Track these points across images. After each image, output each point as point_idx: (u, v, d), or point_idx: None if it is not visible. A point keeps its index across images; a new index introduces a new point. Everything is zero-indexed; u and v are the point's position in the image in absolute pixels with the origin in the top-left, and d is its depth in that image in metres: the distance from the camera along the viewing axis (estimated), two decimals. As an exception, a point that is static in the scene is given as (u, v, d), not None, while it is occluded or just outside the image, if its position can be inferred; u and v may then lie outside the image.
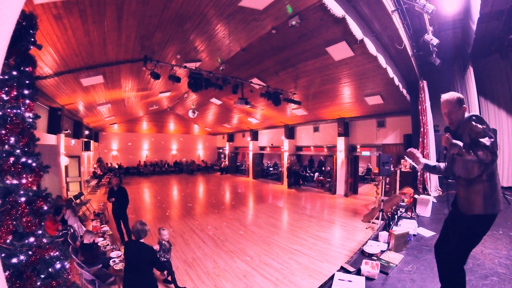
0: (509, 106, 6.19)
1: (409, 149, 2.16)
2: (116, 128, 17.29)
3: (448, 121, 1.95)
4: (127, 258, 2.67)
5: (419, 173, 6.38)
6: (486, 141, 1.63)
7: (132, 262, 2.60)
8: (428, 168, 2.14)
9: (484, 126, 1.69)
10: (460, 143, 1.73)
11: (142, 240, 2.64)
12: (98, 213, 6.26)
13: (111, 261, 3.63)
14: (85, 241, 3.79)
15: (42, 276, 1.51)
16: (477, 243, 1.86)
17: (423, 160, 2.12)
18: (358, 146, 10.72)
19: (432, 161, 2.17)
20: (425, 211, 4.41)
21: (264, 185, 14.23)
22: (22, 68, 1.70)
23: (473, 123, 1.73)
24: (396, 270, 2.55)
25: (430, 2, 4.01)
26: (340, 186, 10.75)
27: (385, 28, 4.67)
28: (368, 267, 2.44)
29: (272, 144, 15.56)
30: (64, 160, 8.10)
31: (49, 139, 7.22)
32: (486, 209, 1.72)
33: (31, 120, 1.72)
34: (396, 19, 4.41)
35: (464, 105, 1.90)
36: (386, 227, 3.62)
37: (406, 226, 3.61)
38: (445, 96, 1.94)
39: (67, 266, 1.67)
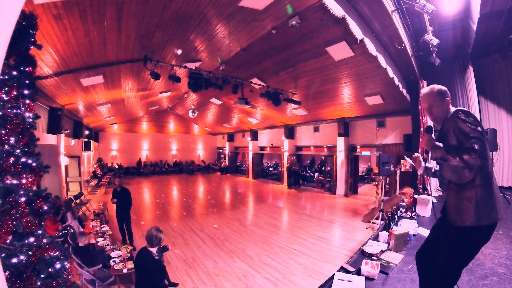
0: (509, 106, 6.19)
1: (415, 155, 1.94)
2: (116, 128, 17.29)
3: (431, 117, 1.75)
4: (135, 265, 2.58)
5: (419, 173, 6.38)
6: (473, 142, 1.42)
7: (139, 269, 2.51)
8: (429, 171, 1.91)
9: (472, 125, 1.47)
10: (440, 147, 1.56)
11: (152, 249, 2.53)
12: (98, 213, 6.26)
13: (111, 261, 3.63)
14: (80, 244, 3.78)
15: (42, 276, 1.51)
16: (471, 258, 1.59)
17: (424, 164, 1.91)
18: (358, 146, 10.72)
19: (434, 165, 1.92)
20: (425, 211, 4.41)
21: (264, 185, 14.23)
22: (22, 68, 1.70)
23: (460, 119, 1.50)
24: (396, 270, 2.55)
25: (430, 2, 4.01)
26: (340, 186, 10.75)
27: (385, 28, 4.67)
28: (368, 267, 2.44)
29: (272, 144, 15.56)
30: (64, 160, 8.10)
31: (49, 139, 7.21)
32: (480, 219, 1.46)
33: (31, 120, 1.72)
34: (396, 19, 4.41)
35: (447, 98, 1.69)
36: (386, 227, 3.62)
37: (406, 226, 3.61)
38: (424, 90, 1.77)
39: (67, 266, 1.67)
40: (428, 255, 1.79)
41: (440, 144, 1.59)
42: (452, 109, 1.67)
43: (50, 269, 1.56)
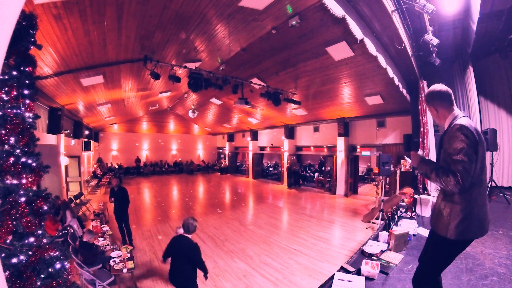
0: (509, 106, 6.19)
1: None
2: (116, 128, 17.28)
3: (440, 125, 1.74)
4: (172, 250, 2.83)
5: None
6: (457, 169, 1.37)
7: (175, 254, 2.78)
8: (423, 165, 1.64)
9: (465, 145, 1.39)
10: (428, 163, 1.56)
11: (188, 235, 2.79)
12: (98, 213, 6.26)
13: (111, 261, 3.64)
14: (85, 239, 3.79)
15: (42, 276, 1.51)
16: (441, 265, 1.65)
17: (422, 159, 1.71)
18: (358, 146, 10.72)
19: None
20: (425, 211, 4.41)
21: (264, 185, 14.23)
22: (22, 68, 1.70)
23: (456, 137, 1.41)
24: (396, 270, 2.55)
25: (430, 2, 4.01)
26: (340, 186, 10.75)
27: (385, 28, 4.67)
28: (368, 267, 2.44)
29: (272, 144, 15.56)
30: (64, 160, 8.10)
31: (49, 139, 7.21)
32: (448, 233, 1.49)
33: (31, 120, 1.72)
34: (396, 19, 4.41)
35: (436, 104, 1.62)
36: (386, 227, 3.62)
37: (406, 226, 3.61)
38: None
39: (67, 266, 1.67)
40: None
41: (428, 161, 1.61)
42: (456, 112, 1.59)
43: (50, 269, 1.55)
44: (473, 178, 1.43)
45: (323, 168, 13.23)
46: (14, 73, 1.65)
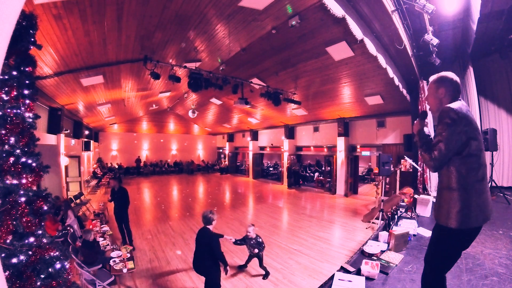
0: (509, 106, 6.19)
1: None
2: (116, 128, 17.29)
3: (430, 108, 1.73)
4: (196, 240, 3.06)
5: (419, 173, 6.38)
6: (436, 146, 1.47)
7: (197, 243, 3.03)
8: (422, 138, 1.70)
9: (447, 127, 1.46)
10: (426, 133, 1.65)
11: (209, 226, 3.03)
12: (98, 213, 6.26)
13: (111, 261, 3.64)
14: (86, 238, 3.81)
15: (42, 276, 1.51)
16: (449, 259, 1.61)
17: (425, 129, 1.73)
18: (358, 146, 10.72)
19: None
20: (425, 211, 4.41)
21: (264, 185, 14.23)
22: (22, 68, 1.70)
23: (442, 118, 1.49)
24: (396, 270, 2.55)
25: (430, 2, 4.01)
26: (340, 186, 10.75)
27: (385, 28, 4.67)
28: (368, 267, 2.44)
29: (272, 144, 15.56)
30: (64, 160, 8.10)
31: (49, 139, 7.21)
32: (450, 221, 1.48)
33: (31, 120, 1.72)
34: (396, 19, 4.41)
35: (441, 88, 1.62)
36: (386, 227, 3.62)
37: (406, 226, 3.61)
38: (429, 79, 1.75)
39: (67, 266, 1.67)
40: None
41: (427, 132, 1.67)
42: (455, 101, 1.60)
43: (50, 269, 1.56)
44: (467, 164, 1.46)
45: (322, 168, 13.23)
46: (14, 73, 1.65)
